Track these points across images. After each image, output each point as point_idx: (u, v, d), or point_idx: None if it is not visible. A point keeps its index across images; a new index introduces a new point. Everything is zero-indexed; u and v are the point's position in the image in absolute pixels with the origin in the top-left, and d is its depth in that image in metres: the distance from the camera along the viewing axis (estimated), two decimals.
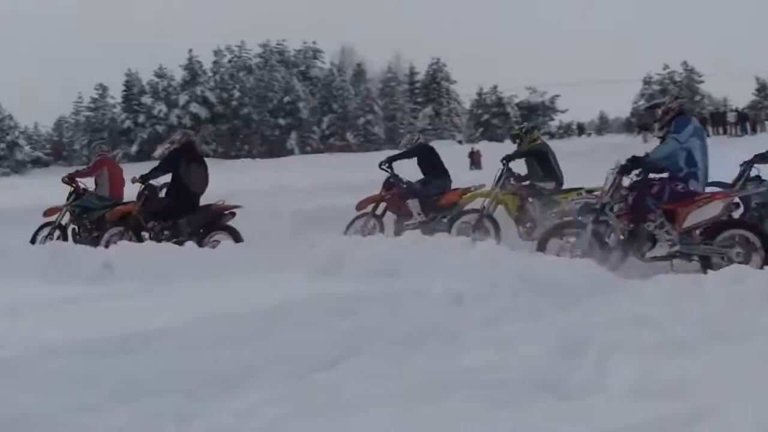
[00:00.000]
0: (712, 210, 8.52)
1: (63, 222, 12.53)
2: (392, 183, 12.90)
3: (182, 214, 10.88)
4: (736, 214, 9.24)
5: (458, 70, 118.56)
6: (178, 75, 70.21)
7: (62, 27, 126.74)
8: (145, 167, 16.35)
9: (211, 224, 10.97)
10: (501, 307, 6.04)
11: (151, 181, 11.40)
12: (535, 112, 73.21)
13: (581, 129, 75.86)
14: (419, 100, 76.12)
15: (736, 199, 9.36)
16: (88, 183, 13.15)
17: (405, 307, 5.98)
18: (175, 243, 9.78)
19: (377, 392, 4.32)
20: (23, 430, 3.77)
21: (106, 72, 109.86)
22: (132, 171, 13.85)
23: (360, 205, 12.73)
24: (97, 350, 4.76)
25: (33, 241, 12.12)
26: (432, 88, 76.06)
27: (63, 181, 12.65)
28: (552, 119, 76.04)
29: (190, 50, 68.96)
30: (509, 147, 45.05)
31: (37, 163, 68.62)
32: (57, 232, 12.36)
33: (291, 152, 59.02)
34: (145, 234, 11.10)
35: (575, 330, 5.26)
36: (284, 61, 72.86)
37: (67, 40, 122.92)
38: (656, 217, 8.50)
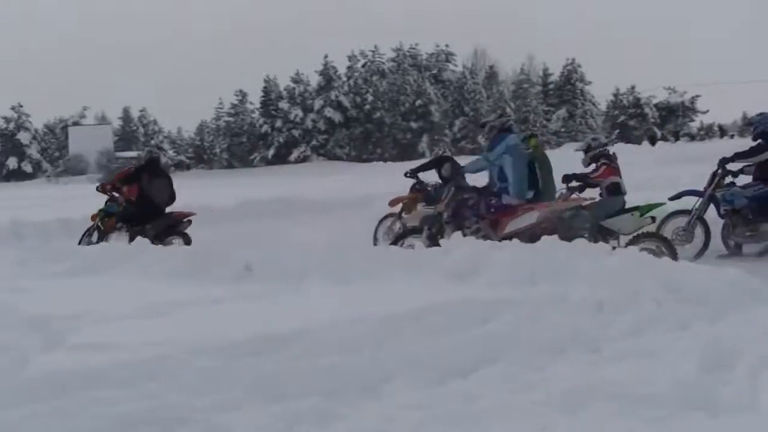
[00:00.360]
0: (527, 219, 9.35)
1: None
2: (418, 189, 13.68)
3: (147, 220, 12.23)
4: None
5: (593, 70, 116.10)
6: (314, 80, 71.80)
7: (205, 36, 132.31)
8: (281, 170, 16.79)
9: (170, 229, 12.26)
10: (644, 316, 5.79)
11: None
12: (675, 113, 70.53)
13: (723, 131, 72.46)
14: (553, 101, 74.75)
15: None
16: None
17: (543, 313, 5.83)
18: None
19: (515, 401, 4.22)
20: (172, 427, 3.90)
21: (246, 78, 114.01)
22: (268, 173, 14.53)
23: (392, 202, 13.58)
24: (239, 350, 4.88)
25: (80, 242, 12.72)
26: (566, 89, 74.56)
27: (97, 189, 13.20)
28: (692, 120, 73.03)
29: (326, 56, 70.36)
30: (646, 149, 43.66)
31: (179, 166, 71.66)
32: (96, 234, 12.80)
33: (422, 155, 59.11)
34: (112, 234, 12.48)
35: (724, 343, 4.97)
36: (417, 64, 73.11)
37: (209, 47, 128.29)
38: (471, 224, 9.51)
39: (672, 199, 10.71)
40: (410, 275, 7.72)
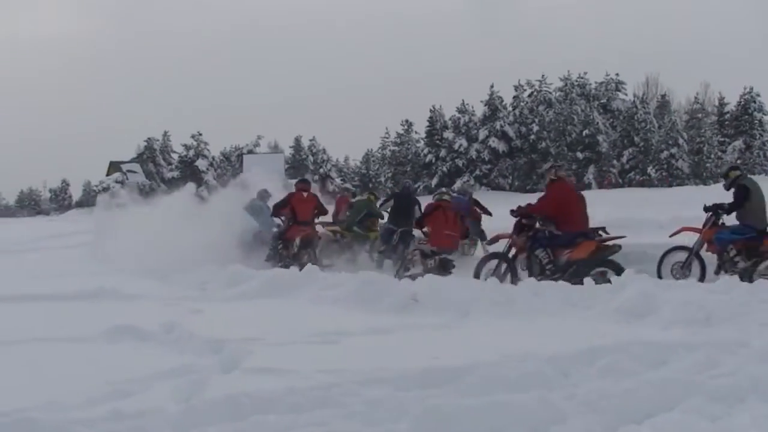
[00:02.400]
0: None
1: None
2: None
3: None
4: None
5: None
6: (479, 110, 71.87)
7: (374, 69, 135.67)
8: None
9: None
10: None
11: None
12: None
13: None
14: (728, 132, 71.06)
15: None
16: None
17: (722, 358, 5.51)
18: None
19: None
20: None
21: (411, 109, 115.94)
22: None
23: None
24: (407, 382, 4.92)
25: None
26: (743, 119, 70.65)
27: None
28: None
29: (492, 86, 70.28)
30: None
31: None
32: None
33: (588, 186, 57.76)
34: None
35: None
36: (585, 94, 71.68)
37: (378, 80, 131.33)
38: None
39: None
40: (578, 312, 7.56)
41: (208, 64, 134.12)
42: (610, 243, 10.59)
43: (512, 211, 11.72)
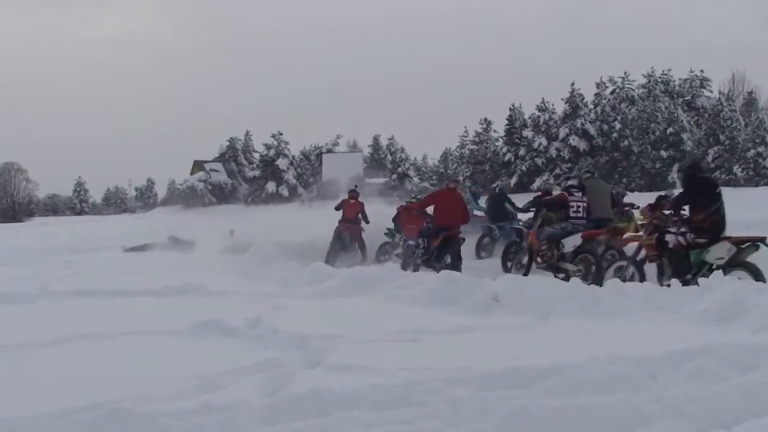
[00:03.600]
0: None
1: None
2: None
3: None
4: None
5: None
6: (559, 108, 71.00)
7: (451, 66, 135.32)
8: (522, 199, 17.03)
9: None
10: None
11: None
12: None
13: None
14: None
15: None
16: None
17: None
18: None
19: None
20: None
21: (490, 107, 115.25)
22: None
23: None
24: (490, 382, 4.90)
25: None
26: None
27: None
28: None
29: (572, 83, 69.35)
30: None
31: (424, 192, 73.82)
32: None
33: (672, 185, 56.35)
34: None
35: None
36: (669, 91, 70.04)
37: (456, 76, 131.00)
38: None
39: None
40: (664, 315, 7.40)
41: (288, 62, 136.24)
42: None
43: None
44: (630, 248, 11.25)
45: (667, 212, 10.83)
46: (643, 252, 10.69)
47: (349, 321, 7.83)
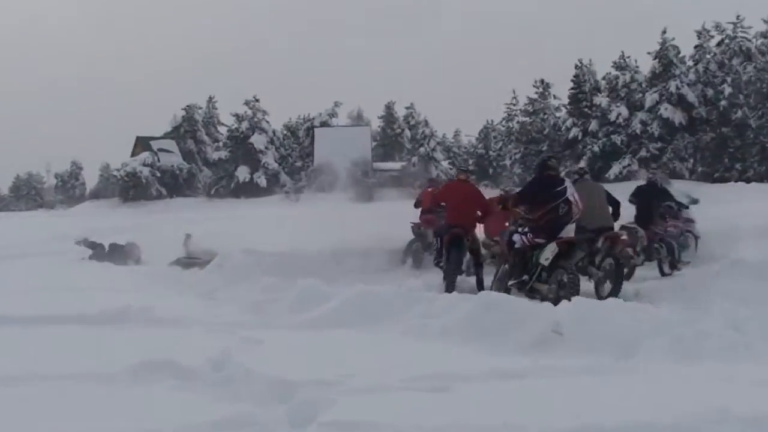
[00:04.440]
0: None
1: None
2: None
3: None
4: None
5: None
6: (645, 66, 70.69)
7: (492, 5, 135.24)
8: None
9: None
10: None
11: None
12: None
13: None
14: None
15: None
16: None
17: None
18: None
19: None
20: None
21: (549, 65, 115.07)
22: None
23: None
24: None
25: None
26: None
27: None
28: None
29: (664, 31, 68.95)
30: None
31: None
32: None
33: None
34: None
35: None
36: None
37: (498, 22, 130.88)
38: None
39: None
40: None
41: (267, 13, 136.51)
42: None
43: None
44: None
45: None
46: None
47: (350, 361, 7.82)
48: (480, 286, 14.34)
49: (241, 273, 15.47)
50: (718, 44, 69.87)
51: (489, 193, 18.41)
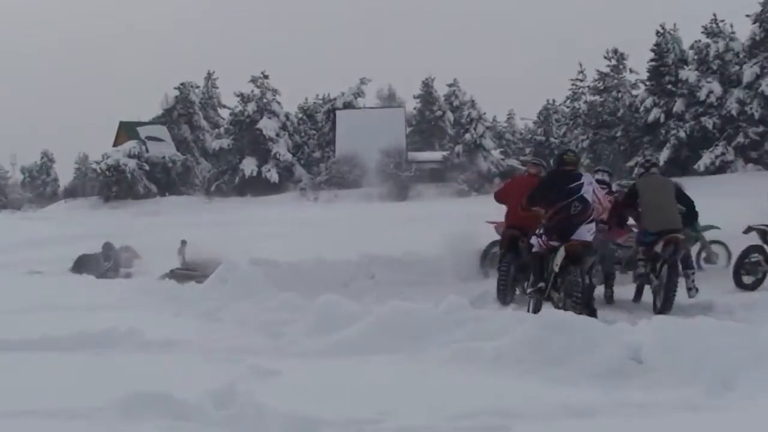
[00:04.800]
0: None
1: None
2: None
3: None
4: None
5: None
6: (743, 32, 70.26)
7: None
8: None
9: None
10: None
11: None
12: None
13: None
14: None
15: None
16: None
17: None
18: None
19: None
20: None
21: (623, 31, 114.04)
22: None
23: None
24: None
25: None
26: None
27: None
28: None
29: None
30: None
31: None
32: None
33: None
34: None
35: None
36: None
37: None
38: None
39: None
40: None
41: None
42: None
43: None
44: None
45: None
46: None
47: (385, 396, 7.82)
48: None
49: (248, 288, 15.45)
50: None
51: None
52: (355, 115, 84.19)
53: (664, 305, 14.36)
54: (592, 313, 13.18)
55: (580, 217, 13.66)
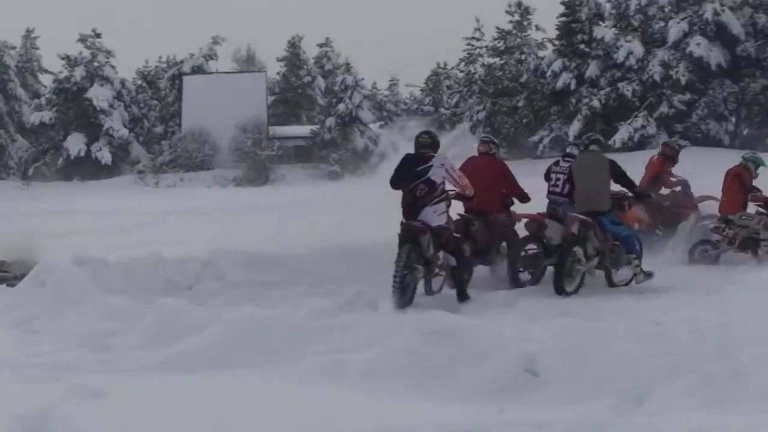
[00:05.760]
0: None
1: None
2: None
3: None
4: None
5: None
6: None
7: None
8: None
9: None
10: None
11: None
12: None
13: None
14: None
15: None
16: None
17: None
18: None
19: None
20: None
21: None
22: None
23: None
24: None
25: None
26: None
27: None
28: None
29: None
30: None
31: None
32: None
33: None
34: None
35: None
36: None
37: None
38: None
39: None
40: None
41: None
42: None
43: None
44: None
45: None
46: None
47: (234, 418, 7.87)
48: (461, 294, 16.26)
49: (70, 292, 15.25)
50: None
51: None
52: (206, 82, 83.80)
53: (555, 286, 16.49)
54: (461, 294, 15.96)
55: (425, 199, 15.86)
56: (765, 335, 9.39)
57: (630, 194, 18.13)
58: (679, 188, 23.20)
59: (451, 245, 16.67)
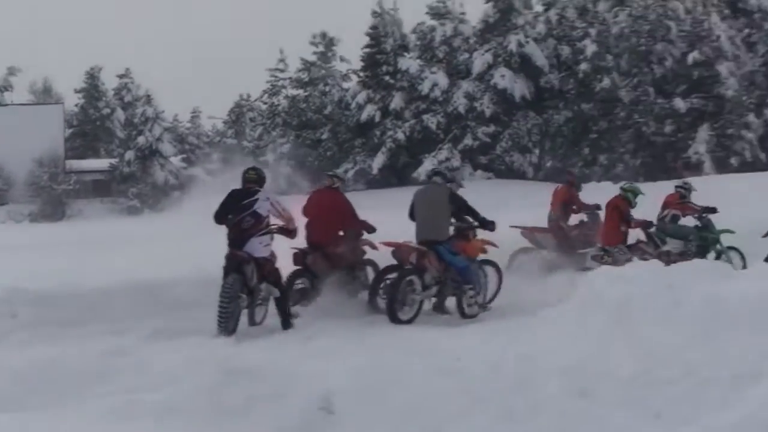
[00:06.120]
0: None
1: None
2: None
3: None
4: None
5: None
6: (474, 15, 71.96)
7: None
8: (394, 197, 18.22)
9: None
10: None
11: None
12: None
13: None
14: None
15: None
16: None
17: None
18: None
19: None
20: None
21: (335, 12, 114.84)
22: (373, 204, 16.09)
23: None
24: None
25: None
26: None
27: None
28: None
29: None
30: None
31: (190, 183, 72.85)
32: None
33: (697, 167, 58.48)
34: None
35: None
36: None
37: None
38: None
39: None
40: None
41: None
42: None
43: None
44: None
45: None
46: None
47: None
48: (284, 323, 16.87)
49: None
50: None
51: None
52: (1, 114, 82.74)
53: (389, 315, 17.16)
54: (285, 323, 16.60)
55: (251, 231, 16.67)
56: (563, 366, 9.45)
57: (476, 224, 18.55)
58: (585, 218, 24.05)
59: (274, 276, 17.21)
